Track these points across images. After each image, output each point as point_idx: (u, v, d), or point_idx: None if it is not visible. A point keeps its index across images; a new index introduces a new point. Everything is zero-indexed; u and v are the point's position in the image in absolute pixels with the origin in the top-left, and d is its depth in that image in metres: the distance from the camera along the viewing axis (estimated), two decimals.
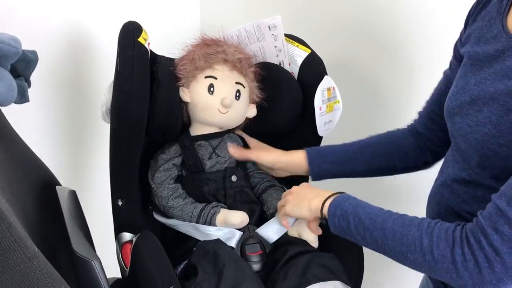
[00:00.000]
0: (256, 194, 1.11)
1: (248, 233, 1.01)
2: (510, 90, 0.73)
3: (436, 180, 0.94)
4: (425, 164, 1.06)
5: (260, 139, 1.17)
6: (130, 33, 0.96)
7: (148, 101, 0.98)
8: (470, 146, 0.79)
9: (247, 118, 1.13)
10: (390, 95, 1.40)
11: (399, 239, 0.75)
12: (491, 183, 0.77)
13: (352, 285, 0.91)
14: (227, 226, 0.99)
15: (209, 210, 1.01)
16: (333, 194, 0.89)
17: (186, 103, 1.07)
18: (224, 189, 1.06)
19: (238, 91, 1.07)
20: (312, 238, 1.00)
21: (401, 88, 1.37)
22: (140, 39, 0.97)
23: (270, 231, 1.02)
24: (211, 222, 0.99)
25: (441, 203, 0.88)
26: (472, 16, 0.88)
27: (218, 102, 1.04)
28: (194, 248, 0.98)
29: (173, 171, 1.06)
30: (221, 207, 1.02)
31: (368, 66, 1.42)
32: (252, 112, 1.12)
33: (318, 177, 1.07)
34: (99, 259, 0.78)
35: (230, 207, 1.04)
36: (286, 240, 1.01)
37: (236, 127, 1.15)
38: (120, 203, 1.00)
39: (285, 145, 1.15)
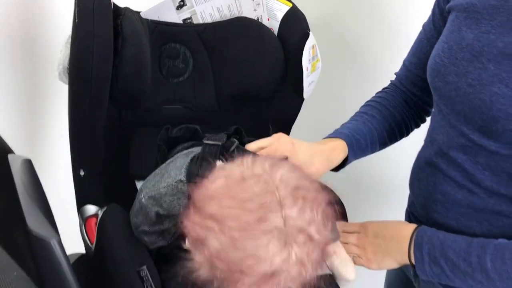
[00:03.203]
0: None
1: None
2: None
3: (422, 154, 0.88)
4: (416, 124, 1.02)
5: (236, 104, 1.08)
6: None
7: (112, 59, 0.87)
8: (471, 108, 0.73)
9: None
10: (372, 55, 1.35)
11: (507, 278, 0.71)
12: (496, 148, 0.72)
13: None
14: None
15: None
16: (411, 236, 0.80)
17: None
18: None
19: None
20: (353, 276, 0.81)
21: (383, 48, 1.33)
22: None
23: None
24: None
25: (437, 175, 0.83)
26: None
27: None
28: None
29: None
30: None
31: (350, 24, 1.35)
32: None
33: (342, 166, 0.93)
34: (58, 236, 0.69)
35: None
36: None
37: None
38: (82, 173, 0.91)
39: (264, 109, 1.08)
